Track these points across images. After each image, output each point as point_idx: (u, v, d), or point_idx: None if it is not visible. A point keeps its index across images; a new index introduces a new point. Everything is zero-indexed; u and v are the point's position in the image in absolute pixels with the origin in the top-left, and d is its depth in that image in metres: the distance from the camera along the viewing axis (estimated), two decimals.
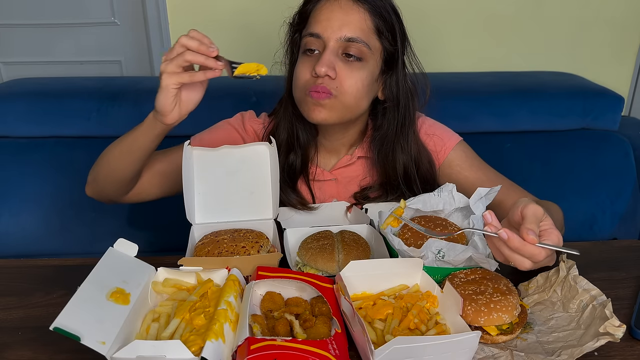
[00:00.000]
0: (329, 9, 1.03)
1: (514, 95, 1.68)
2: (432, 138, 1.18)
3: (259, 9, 1.89)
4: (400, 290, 0.84)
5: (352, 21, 1.02)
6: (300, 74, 1.06)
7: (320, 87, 1.02)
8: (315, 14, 1.05)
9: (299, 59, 1.07)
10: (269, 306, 0.80)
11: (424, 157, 1.15)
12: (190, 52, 0.87)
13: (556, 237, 0.74)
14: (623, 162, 1.65)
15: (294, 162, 1.15)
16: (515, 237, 0.71)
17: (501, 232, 0.72)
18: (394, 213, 0.92)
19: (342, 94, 1.04)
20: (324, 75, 1.01)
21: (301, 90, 1.06)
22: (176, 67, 0.88)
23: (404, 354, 0.67)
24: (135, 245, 0.86)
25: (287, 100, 1.14)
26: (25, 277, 0.96)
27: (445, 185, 1.01)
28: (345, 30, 1.02)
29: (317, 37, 1.03)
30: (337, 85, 1.03)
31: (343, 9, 1.03)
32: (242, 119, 1.22)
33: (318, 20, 1.03)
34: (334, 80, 1.02)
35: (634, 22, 2.03)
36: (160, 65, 0.90)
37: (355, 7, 1.03)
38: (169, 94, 0.90)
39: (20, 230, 1.55)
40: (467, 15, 1.98)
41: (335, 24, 1.02)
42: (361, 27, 1.03)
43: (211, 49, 0.88)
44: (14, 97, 1.63)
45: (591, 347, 0.71)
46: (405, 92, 1.11)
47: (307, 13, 1.07)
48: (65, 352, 0.75)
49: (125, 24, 2.08)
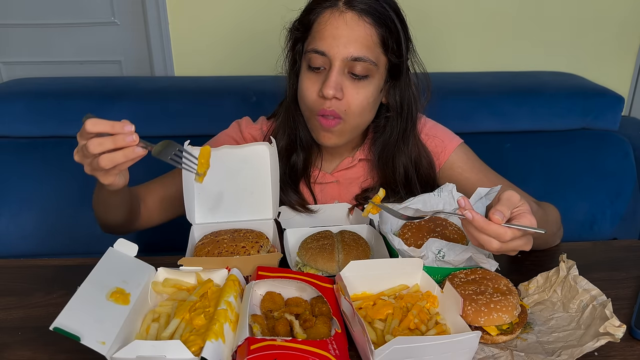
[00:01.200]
0: (334, 25, 0.99)
1: (514, 95, 1.68)
2: (433, 140, 1.18)
3: (259, 9, 1.89)
4: (400, 290, 0.84)
5: (358, 38, 0.99)
6: (306, 91, 1.04)
7: (329, 112, 1.01)
8: (320, 28, 1.01)
9: (304, 73, 1.05)
10: (269, 306, 0.80)
11: (423, 159, 1.15)
12: (107, 156, 0.81)
13: (528, 221, 0.77)
14: (623, 162, 1.64)
15: (296, 164, 1.15)
16: (479, 217, 0.76)
17: (466, 213, 0.77)
18: (372, 201, 0.92)
19: (350, 115, 1.03)
20: (332, 98, 1.00)
21: (309, 110, 1.05)
22: (108, 163, 0.82)
23: (404, 354, 0.67)
24: (135, 245, 0.86)
25: (291, 106, 1.12)
26: (25, 277, 0.96)
27: (445, 185, 1.01)
28: (352, 49, 0.99)
29: (322, 55, 1.00)
30: (345, 108, 1.02)
31: (348, 25, 0.99)
32: (239, 127, 1.21)
33: (323, 37, 1.00)
34: (341, 101, 1.01)
35: (634, 22, 2.03)
36: (79, 157, 0.85)
37: (361, 22, 1.00)
38: (112, 181, 0.88)
39: (20, 230, 1.55)
40: (468, 15, 1.98)
41: (341, 42, 0.99)
42: (367, 44, 1.00)
43: (129, 138, 0.80)
44: (14, 97, 1.63)
45: (591, 347, 0.71)
46: (409, 98, 1.10)
47: (309, 23, 1.03)
48: (65, 352, 0.75)
49: (125, 24, 2.07)
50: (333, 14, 1.00)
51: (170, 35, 1.98)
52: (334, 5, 1.01)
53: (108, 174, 0.86)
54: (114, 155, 0.81)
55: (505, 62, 2.04)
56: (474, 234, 0.78)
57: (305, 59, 1.04)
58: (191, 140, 0.99)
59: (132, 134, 0.80)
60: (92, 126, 0.81)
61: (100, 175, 0.86)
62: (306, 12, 1.05)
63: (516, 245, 0.78)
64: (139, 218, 1.13)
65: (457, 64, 2.02)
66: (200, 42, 1.99)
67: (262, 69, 1.18)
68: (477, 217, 0.76)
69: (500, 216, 0.75)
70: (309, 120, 1.08)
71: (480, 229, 0.76)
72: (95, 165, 0.83)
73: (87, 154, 0.82)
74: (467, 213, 0.76)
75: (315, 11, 1.02)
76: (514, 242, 0.77)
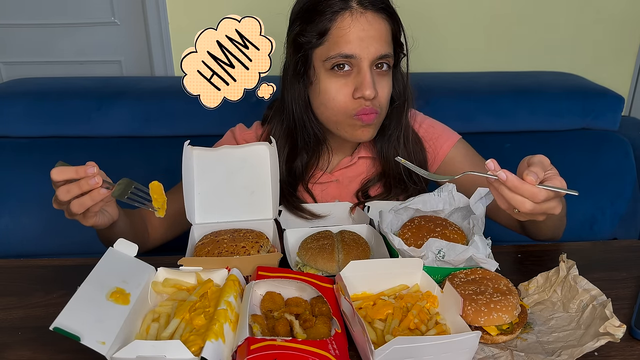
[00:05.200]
0: (359, 27, 1.00)
1: (514, 95, 1.68)
2: (431, 136, 1.18)
3: (259, 9, 1.89)
4: (400, 290, 0.84)
5: (382, 36, 1.02)
6: (337, 95, 1.03)
7: (369, 109, 1.03)
8: (343, 32, 1.00)
9: (327, 79, 1.03)
10: (269, 306, 0.80)
11: (417, 146, 1.17)
12: (77, 201, 0.84)
13: (559, 183, 0.77)
14: (623, 162, 1.64)
15: (297, 169, 1.15)
16: (513, 177, 0.75)
17: (500, 173, 0.76)
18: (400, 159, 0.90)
19: (382, 108, 1.07)
20: (373, 98, 1.02)
21: (342, 113, 1.05)
22: (79, 208, 0.85)
23: (404, 354, 0.67)
24: (135, 245, 0.86)
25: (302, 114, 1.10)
26: (25, 277, 0.96)
27: (445, 185, 1.01)
28: (379, 47, 1.01)
29: (351, 58, 1.01)
30: (379, 103, 1.05)
31: (371, 23, 1.01)
32: (233, 135, 1.22)
33: (349, 40, 1.00)
34: (376, 98, 1.03)
35: (634, 22, 2.03)
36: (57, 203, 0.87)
37: (380, 20, 1.02)
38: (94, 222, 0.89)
39: (20, 231, 1.55)
40: (468, 15, 1.98)
41: (369, 43, 1.00)
42: (387, 40, 1.03)
43: (92, 181, 0.83)
44: (14, 97, 1.63)
45: (591, 347, 0.71)
46: (406, 86, 1.13)
47: (325, 29, 1.01)
48: (65, 352, 0.75)
49: (125, 24, 2.07)
50: (354, 16, 1.00)
51: (170, 35, 1.98)
52: (348, 7, 1.01)
53: (85, 217, 0.89)
54: (83, 199, 0.84)
55: (505, 62, 2.04)
56: (507, 195, 0.77)
57: (327, 65, 1.03)
58: (191, 140, 0.99)
59: (95, 176, 0.83)
60: (57, 175, 0.85)
61: (79, 220, 0.90)
62: (315, 17, 1.02)
63: (548, 207, 0.78)
64: (147, 239, 1.14)
65: (458, 64, 2.02)
66: None
67: None
68: (511, 177, 0.75)
69: (534, 177, 0.75)
70: (339, 123, 1.07)
71: (514, 189, 0.76)
72: (70, 212, 0.86)
73: (60, 202, 0.86)
74: (501, 173, 0.76)
75: (327, 16, 1.01)
76: (547, 203, 0.77)
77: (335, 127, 1.08)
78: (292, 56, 1.07)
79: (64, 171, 0.84)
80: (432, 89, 1.60)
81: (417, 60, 1.16)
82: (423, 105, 1.23)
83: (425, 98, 1.24)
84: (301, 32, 1.04)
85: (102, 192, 0.84)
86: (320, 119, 1.10)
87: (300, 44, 1.05)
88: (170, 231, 1.17)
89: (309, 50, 1.04)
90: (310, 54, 1.05)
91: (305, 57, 1.05)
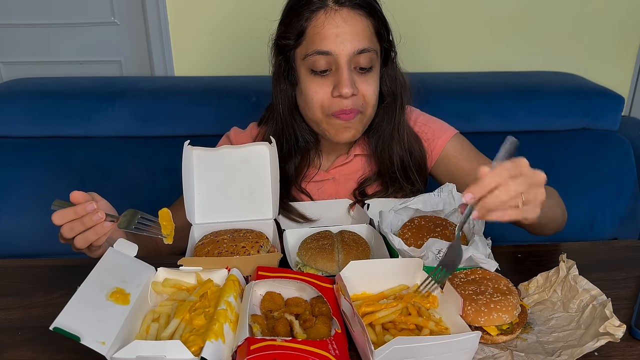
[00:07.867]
0: (333, 24, 1.00)
1: (514, 95, 1.68)
2: (428, 132, 1.18)
3: (259, 9, 1.89)
4: (400, 290, 0.83)
5: (358, 31, 1.01)
6: (315, 95, 1.04)
7: (349, 109, 1.02)
8: (318, 30, 1.01)
9: (307, 79, 1.04)
10: (269, 306, 0.80)
11: (415, 144, 1.16)
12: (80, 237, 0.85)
13: None
14: (623, 162, 1.64)
15: (289, 171, 1.15)
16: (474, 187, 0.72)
17: (466, 196, 0.72)
18: None
19: (367, 107, 1.06)
20: (350, 96, 1.01)
21: (322, 113, 1.05)
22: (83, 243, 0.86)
23: (404, 354, 0.67)
24: (135, 245, 0.86)
25: (287, 116, 1.11)
26: (25, 277, 0.96)
27: (446, 185, 1.01)
28: (355, 43, 1.00)
29: (327, 55, 1.01)
30: (362, 102, 1.04)
31: (346, 20, 1.01)
32: (229, 139, 1.22)
33: (324, 37, 1.00)
34: (357, 96, 1.03)
35: (634, 22, 2.03)
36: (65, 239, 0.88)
37: (356, 16, 1.02)
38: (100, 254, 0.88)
39: (20, 231, 1.55)
40: (467, 15, 1.98)
41: (344, 39, 1.00)
42: (366, 35, 1.02)
43: (96, 217, 0.84)
44: (14, 97, 1.63)
45: (591, 347, 0.71)
46: (400, 84, 1.12)
47: (302, 28, 1.03)
48: (65, 352, 0.75)
49: (125, 24, 2.07)
50: (328, 14, 1.01)
51: (170, 35, 1.98)
52: (324, 5, 1.01)
53: (90, 250, 0.90)
54: (86, 235, 0.86)
55: (505, 62, 2.04)
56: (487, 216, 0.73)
57: (306, 64, 1.03)
58: (191, 140, 0.99)
59: (98, 212, 0.84)
60: (59, 220, 0.85)
61: (86, 253, 0.91)
62: (292, 19, 1.04)
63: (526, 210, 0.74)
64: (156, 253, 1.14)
65: (457, 64, 2.02)
66: (200, 42, 1.99)
67: (262, 69, 1.18)
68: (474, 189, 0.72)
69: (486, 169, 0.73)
70: (321, 123, 1.07)
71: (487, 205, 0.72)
72: (74, 247, 0.88)
73: (65, 239, 0.87)
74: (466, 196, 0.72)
75: (304, 16, 1.02)
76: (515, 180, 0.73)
77: (318, 127, 1.09)
78: (276, 59, 1.09)
79: (65, 214, 0.85)
80: (431, 88, 1.60)
81: (417, 60, 1.16)
82: (423, 104, 1.23)
83: (425, 98, 1.24)
84: (282, 35, 1.07)
85: (105, 225, 0.86)
86: (306, 120, 1.11)
87: (282, 46, 1.07)
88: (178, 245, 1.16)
89: (289, 52, 1.06)
90: (292, 55, 1.06)
91: (287, 59, 1.07)
